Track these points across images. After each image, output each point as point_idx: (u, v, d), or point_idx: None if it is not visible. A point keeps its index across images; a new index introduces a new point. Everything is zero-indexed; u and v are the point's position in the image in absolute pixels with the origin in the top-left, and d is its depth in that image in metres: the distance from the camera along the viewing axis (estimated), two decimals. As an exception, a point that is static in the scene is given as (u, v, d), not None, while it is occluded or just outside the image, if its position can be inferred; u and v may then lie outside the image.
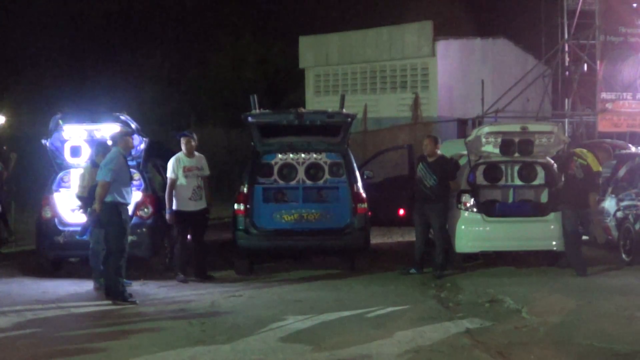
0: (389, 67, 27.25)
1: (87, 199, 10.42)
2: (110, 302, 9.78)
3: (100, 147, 10.73)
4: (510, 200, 12.62)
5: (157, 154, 13.20)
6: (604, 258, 12.49)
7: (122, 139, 10.24)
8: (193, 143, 11.61)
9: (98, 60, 39.19)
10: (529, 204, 12.45)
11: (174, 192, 11.40)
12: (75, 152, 11.91)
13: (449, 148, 13.76)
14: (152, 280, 11.36)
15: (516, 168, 12.59)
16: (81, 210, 10.65)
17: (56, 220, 11.71)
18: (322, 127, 12.27)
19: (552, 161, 12.27)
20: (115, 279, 9.82)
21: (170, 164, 11.48)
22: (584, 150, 11.81)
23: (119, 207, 9.89)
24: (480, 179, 12.54)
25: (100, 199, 9.84)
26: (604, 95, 22.11)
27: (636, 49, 22.18)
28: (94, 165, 10.66)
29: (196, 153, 11.67)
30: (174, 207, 11.42)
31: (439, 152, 11.85)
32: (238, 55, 37.44)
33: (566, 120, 21.99)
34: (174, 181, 11.41)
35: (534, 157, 12.39)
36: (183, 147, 11.58)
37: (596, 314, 8.86)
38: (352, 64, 28.15)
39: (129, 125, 11.80)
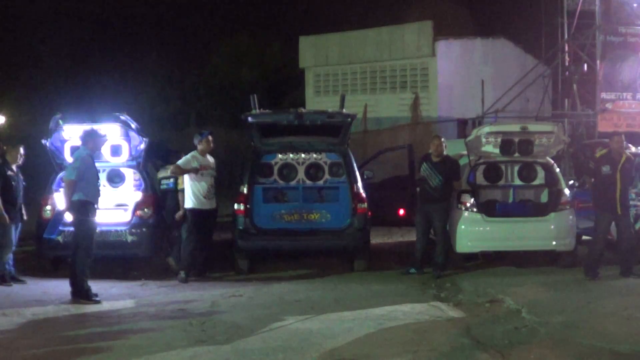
0: (389, 67, 27.26)
1: None
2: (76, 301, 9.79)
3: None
4: (510, 200, 12.63)
5: (157, 154, 13.20)
6: (604, 258, 12.45)
7: (90, 139, 10.22)
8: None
9: (98, 60, 39.25)
10: (529, 204, 12.46)
11: (190, 190, 11.32)
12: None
13: (449, 148, 13.75)
14: (152, 280, 11.37)
15: (516, 168, 12.61)
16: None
17: (56, 220, 11.70)
18: (322, 127, 12.27)
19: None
20: (81, 278, 9.85)
21: (185, 157, 11.36)
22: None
23: (86, 206, 9.92)
24: (480, 179, 12.55)
25: (67, 198, 9.91)
26: (604, 95, 22.05)
27: (636, 49, 22.11)
28: None
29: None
30: (190, 205, 11.37)
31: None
32: (238, 55, 37.44)
33: (566, 120, 21.94)
34: (181, 170, 11.28)
35: (534, 157, 12.40)
36: (204, 145, 11.50)
37: (596, 314, 8.86)
38: (352, 64, 28.15)
39: (129, 125, 11.82)
